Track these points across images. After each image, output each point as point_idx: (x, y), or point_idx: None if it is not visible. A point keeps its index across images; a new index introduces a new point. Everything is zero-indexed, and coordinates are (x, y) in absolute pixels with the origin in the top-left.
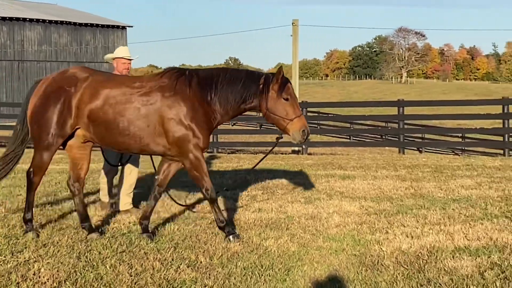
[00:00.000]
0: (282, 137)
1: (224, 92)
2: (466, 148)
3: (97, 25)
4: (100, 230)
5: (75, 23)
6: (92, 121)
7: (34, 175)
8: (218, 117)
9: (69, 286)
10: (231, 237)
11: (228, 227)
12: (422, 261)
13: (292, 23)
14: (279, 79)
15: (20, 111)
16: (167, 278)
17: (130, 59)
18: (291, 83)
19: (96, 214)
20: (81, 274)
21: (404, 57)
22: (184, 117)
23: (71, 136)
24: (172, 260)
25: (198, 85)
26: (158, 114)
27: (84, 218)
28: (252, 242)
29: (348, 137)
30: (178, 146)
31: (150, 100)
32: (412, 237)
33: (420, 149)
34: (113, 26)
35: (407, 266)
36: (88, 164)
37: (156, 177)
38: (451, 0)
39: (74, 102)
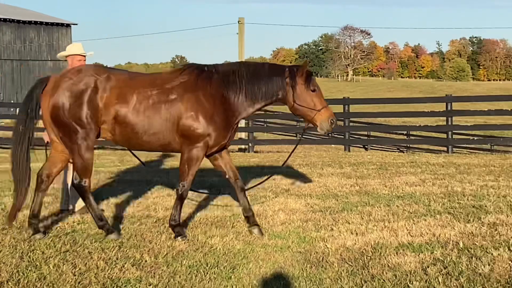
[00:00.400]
0: (308, 129)
1: (251, 87)
2: (410, 145)
3: (41, 23)
4: (44, 231)
5: (18, 21)
6: (119, 122)
7: (83, 179)
8: (242, 112)
9: (11, 287)
10: (179, 238)
11: (179, 227)
12: (366, 258)
13: (238, 21)
14: (305, 71)
15: (21, 110)
16: (112, 277)
17: (85, 55)
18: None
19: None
20: (23, 274)
21: (350, 55)
22: (202, 114)
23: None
24: (117, 259)
25: (219, 81)
26: (179, 111)
27: (35, 215)
28: (197, 241)
29: (295, 134)
30: (189, 139)
31: (173, 97)
32: (356, 234)
33: (366, 146)
34: (57, 24)
35: (352, 262)
36: (63, 166)
37: (227, 176)
38: None
39: (100, 102)
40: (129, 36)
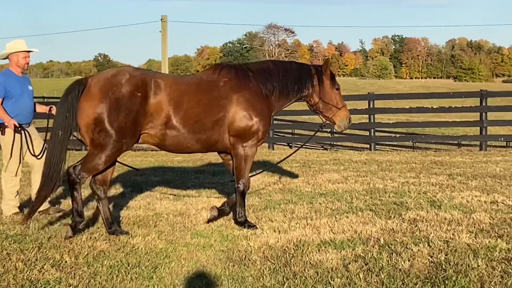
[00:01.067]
0: (325, 125)
1: (284, 84)
2: (334, 143)
3: None
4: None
5: None
6: (171, 127)
7: (85, 174)
8: (276, 108)
9: None
10: (252, 229)
11: (247, 222)
12: (289, 255)
13: (161, 19)
14: (328, 70)
15: (59, 113)
16: (30, 279)
17: (30, 52)
18: None
19: None
20: None
21: (274, 53)
22: (253, 112)
23: None
24: (36, 260)
25: (256, 79)
26: (233, 112)
27: (111, 222)
28: (119, 240)
29: None
30: (243, 138)
31: (223, 99)
32: (279, 231)
33: (290, 144)
34: None
35: (274, 260)
36: (114, 169)
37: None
38: None
39: (149, 108)
40: (50, 34)
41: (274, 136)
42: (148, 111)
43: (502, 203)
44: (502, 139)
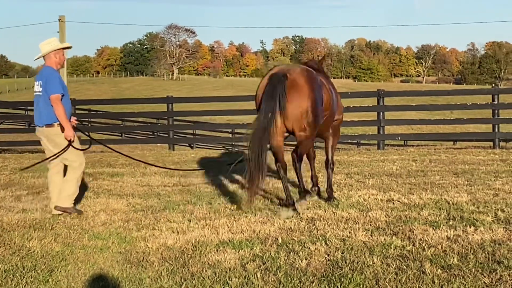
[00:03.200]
0: None
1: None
2: (235, 143)
3: None
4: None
5: None
6: (326, 116)
7: (303, 155)
8: None
9: None
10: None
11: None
12: (187, 256)
13: (59, 20)
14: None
15: (270, 102)
16: None
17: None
18: None
19: None
20: None
21: (175, 54)
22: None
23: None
24: None
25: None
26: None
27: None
28: (14, 244)
29: (120, 134)
30: (337, 128)
31: (333, 92)
32: (178, 232)
33: (192, 145)
34: None
35: (172, 261)
36: None
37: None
38: None
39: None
40: None
41: (175, 137)
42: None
43: (398, 201)
44: (399, 138)
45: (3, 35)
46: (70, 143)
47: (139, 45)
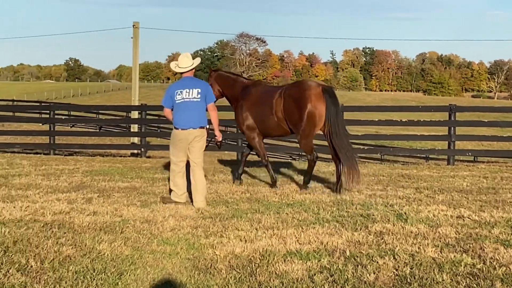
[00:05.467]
0: None
1: None
2: (303, 154)
3: None
4: None
5: None
6: None
7: (312, 153)
8: None
9: None
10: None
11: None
12: (254, 265)
13: (133, 25)
14: None
15: (338, 115)
16: None
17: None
18: None
19: None
20: None
21: (245, 62)
22: None
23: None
24: (2, 264)
25: None
26: None
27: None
28: (85, 246)
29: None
30: None
31: None
32: (245, 241)
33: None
34: None
35: (240, 269)
36: None
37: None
38: (291, 7)
39: None
40: (21, 38)
41: (243, 145)
42: None
43: (468, 218)
44: (469, 153)
45: (77, 39)
46: (220, 144)
47: (209, 53)
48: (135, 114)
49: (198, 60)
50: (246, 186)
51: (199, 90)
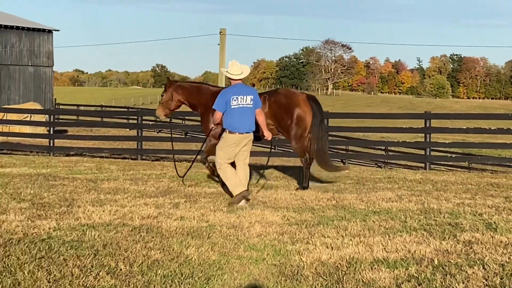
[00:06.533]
0: None
1: None
2: (388, 161)
3: (22, 28)
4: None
5: (0, 25)
6: None
7: (305, 155)
8: None
9: None
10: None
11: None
12: (341, 272)
13: (220, 32)
14: None
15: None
16: (86, 285)
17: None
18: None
19: (15, 220)
20: None
21: (331, 69)
22: None
23: None
24: (92, 266)
25: None
26: None
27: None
28: (173, 250)
29: (273, 147)
30: None
31: None
32: (332, 248)
33: (344, 160)
34: (39, 30)
35: (326, 277)
36: None
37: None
38: (377, 14)
39: None
40: (110, 44)
41: (328, 152)
42: None
43: None
44: None
45: (165, 46)
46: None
47: (295, 59)
48: None
49: (249, 70)
50: (332, 193)
51: (252, 97)
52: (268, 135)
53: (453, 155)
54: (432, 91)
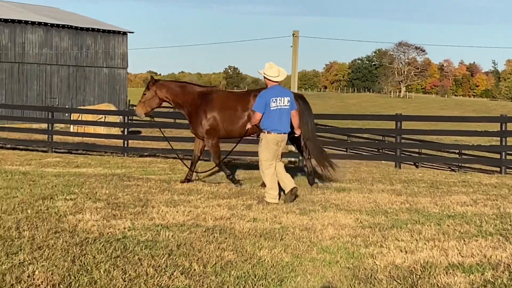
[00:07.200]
0: None
1: None
2: (462, 165)
3: (98, 30)
4: None
5: (76, 27)
6: None
7: None
8: None
9: None
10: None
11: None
12: (416, 276)
13: (293, 34)
14: None
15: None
16: (161, 285)
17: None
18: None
19: (91, 219)
20: (75, 278)
21: (404, 72)
22: None
23: None
24: (166, 266)
25: None
26: None
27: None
28: (246, 252)
29: (345, 149)
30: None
31: None
32: (406, 251)
33: (417, 164)
34: (114, 32)
35: (400, 280)
36: None
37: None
38: (451, 16)
39: None
40: (183, 46)
41: (401, 155)
42: None
43: None
44: None
45: (237, 48)
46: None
47: (367, 62)
48: None
49: (285, 73)
50: (405, 196)
51: (289, 99)
52: (299, 132)
53: None
54: (507, 94)
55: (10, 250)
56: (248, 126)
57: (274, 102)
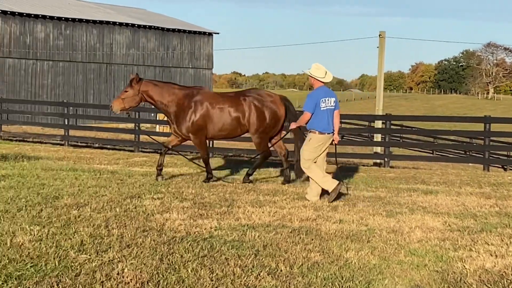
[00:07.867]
0: None
1: None
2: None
3: (184, 31)
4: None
5: (162, 28)
6: None
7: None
8: None
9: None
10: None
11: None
12: (506, 281)
13: (379, 35)
14: None
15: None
16: (248, 285)
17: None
18: None
19: (178, 218)
20: (163, 276)
21: (492, 73)
22: None
23: None
24: (253, 267)
25: None
26: None
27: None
28: (332, 253)
29: (431, 151)
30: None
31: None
32: (496, 256)
33: (505, 167)
34: (199, 33)
35: (491, 285)
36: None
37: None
38: None
39: None
40: (267, 47)
41: (490, 157)
42: None
43: None
44: None
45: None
46: (335, 145)
47: (454, 63)
48: (378, 124)
49: (331, 75)
50: (495, 199)
51: (334, 99)
52: (336, 138)
53: None
54: None
55: (100, 247)
56: (293, 126)
57: (323, 102)
